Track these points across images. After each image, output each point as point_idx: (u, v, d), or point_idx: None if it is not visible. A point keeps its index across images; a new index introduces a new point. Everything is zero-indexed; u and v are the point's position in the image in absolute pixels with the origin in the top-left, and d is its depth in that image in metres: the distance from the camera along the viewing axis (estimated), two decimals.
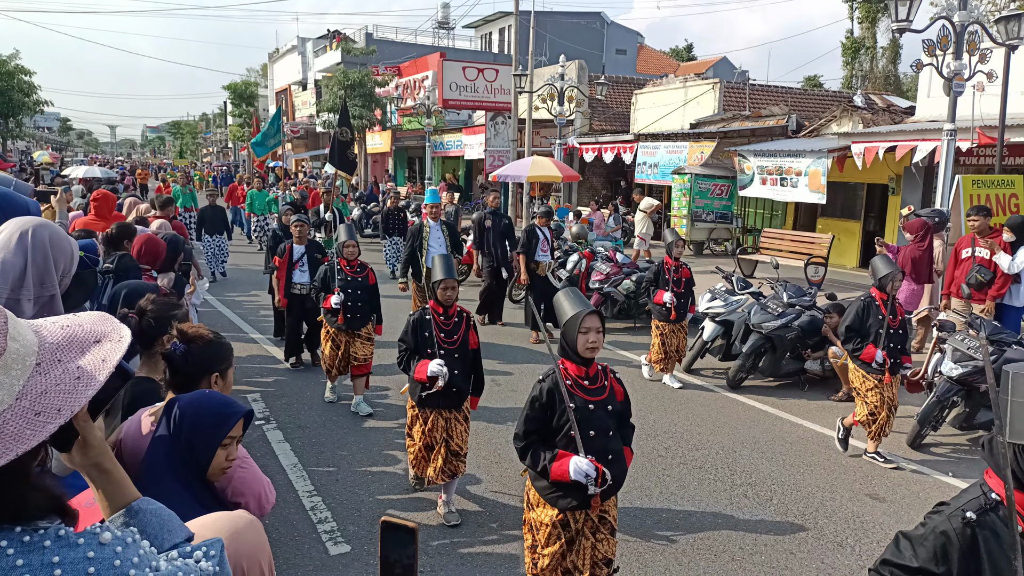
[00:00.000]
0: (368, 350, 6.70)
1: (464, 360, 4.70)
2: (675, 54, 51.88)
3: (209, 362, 2.42)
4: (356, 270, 6.69)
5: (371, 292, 6.73)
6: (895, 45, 34.40)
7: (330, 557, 4.31)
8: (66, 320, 1.15)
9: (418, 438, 4.76)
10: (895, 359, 5.75)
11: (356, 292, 6.60)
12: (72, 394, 1.05)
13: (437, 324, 4.67)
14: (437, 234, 9.05)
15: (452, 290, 4.72)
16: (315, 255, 7.87)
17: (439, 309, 4.73)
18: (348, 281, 6.60)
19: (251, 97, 47.92)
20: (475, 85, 26.05)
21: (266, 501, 2.26)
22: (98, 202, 6.69)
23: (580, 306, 3.20)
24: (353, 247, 6.68)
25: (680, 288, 7.56)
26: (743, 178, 16.25)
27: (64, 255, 2.85)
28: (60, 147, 74.99)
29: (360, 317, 6.65)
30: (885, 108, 17.58)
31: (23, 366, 1.03)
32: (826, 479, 5.57)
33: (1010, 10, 9.63)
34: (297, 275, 7.84)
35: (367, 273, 6.76)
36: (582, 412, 3.15)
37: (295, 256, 7.85)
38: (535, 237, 9.58)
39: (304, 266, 7.83)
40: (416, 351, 4.66)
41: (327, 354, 6.73)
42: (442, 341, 4.62)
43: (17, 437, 0.99)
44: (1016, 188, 9.74)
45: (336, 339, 6.68)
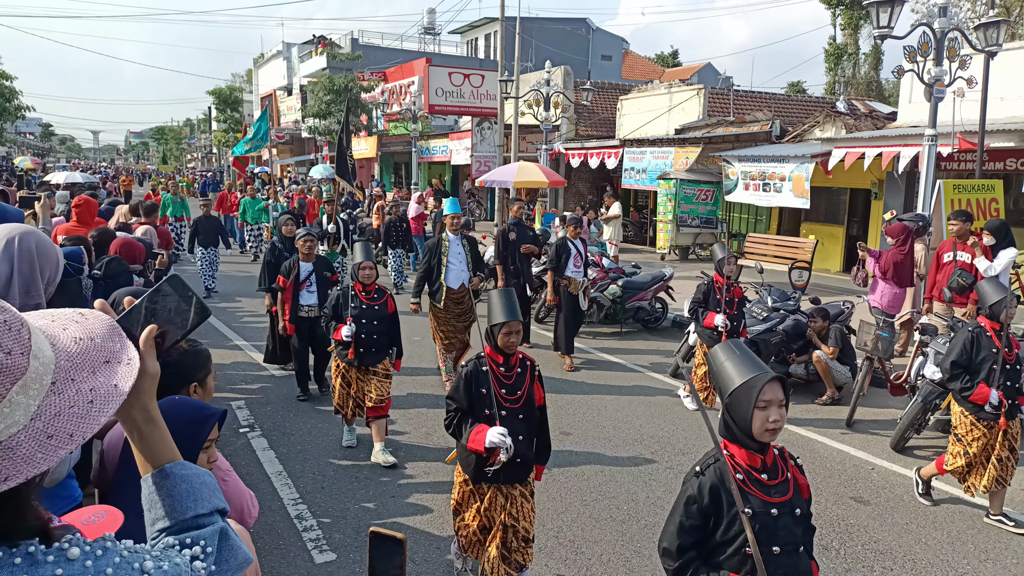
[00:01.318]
0: (385, 389, 5.80)
1: (529, 421, 3.76)
2: (660, 60, 52.23)
3: (185, 372, 2.39)
4: (372, 296, 5.86)
5: (389, 322, 5.90)
6: (877, 51, 34.81)
7: (316, 565, 4.28)
8: (78, 330, 1.11)
9: (472, 520, 3.81)
10: (1012, 399, 4.85)
11: (372, 322, 5.77)
12: (85, 419, 1.02)
13: (497, 377, 3.69)
14: (457, 249, 7.87)
15: (516, 335, 3.73)
16: (324, 273, 7.19)
17: (498, 358, 3.73)
18: (363, 309, 5.79)
19: (236, 102, 47.72)
20: (461, 91, 26.07)
21: (248, 515, 2.24)
22: (80, 208, 6.64)
23: (753, 369, 2.39)
24: (370, 270, 5.84)
25: (733, 310, 6.69)
26: (728, 183, 16.35)
27: (50, 263, 2.82)
28: (42, 153, 74.32)
29: (376, 351, 5.81)
30: (867, 114, 17.78)
31: (40, 385, 1.00)
32: (812, 483, 5.59)
33: (989, 17, 9.75)
34: (305, 296, 7.11)
35: (385, 300, 5.92)
36: (762, 520, 2.34)
37: (302, 275, 7.10)
38: (565, 251, 8.72)
39: (312, 286, 7.12)
40: (469, 412, 3.72)
41: (337, 392, 5.94)
42: (503, 399, 3.68)
43: (29, 459, 0.96)
44: (996, 193, 9.85)
45: (347, 375, 5.87)
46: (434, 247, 7.89)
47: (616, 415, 7.04)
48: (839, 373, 7.51)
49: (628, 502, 5.19)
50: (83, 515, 1.57)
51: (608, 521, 4.88)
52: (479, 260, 8.08)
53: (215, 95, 47.63)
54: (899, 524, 4.97)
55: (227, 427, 6.18)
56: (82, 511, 1.62)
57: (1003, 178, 11.92)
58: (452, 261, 7.77)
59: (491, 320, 3.75)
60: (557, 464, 5.80)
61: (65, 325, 1.12)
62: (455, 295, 7.68)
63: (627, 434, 6.52)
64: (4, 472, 0.95)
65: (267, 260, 7.98)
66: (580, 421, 6.84)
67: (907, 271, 8.47)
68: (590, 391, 7.77)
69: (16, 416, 0.97)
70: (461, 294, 7.68)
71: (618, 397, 7.57)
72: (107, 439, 2.23)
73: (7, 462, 0.95)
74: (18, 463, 0.96)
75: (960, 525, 4.98)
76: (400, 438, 6.29)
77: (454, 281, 7.70)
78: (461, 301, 7.70)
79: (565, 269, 8.71)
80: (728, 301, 6.68)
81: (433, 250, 7.89)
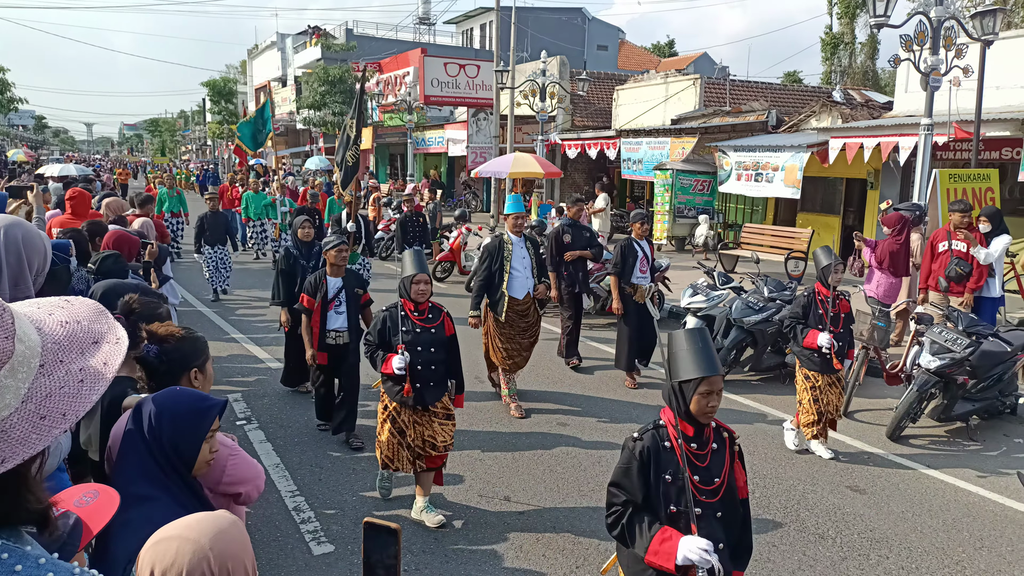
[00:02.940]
0: (448, 433, 4.75)
1: (730, 523, 2.76)
2: (656, 50, 52.08)
3: (185, 359, 2.41)
4: (427, 317, 4.73)
5: (448, 348, 4.79)
6: (873, 40, 34.74)
7: (313, 557, 4.29)
8: (64, 315, 1.12)
9: None
10: None
11: (429, 349, 4.64)
12: (77, 398, 1.04)
13: (688, 457, 2.61)
14: (521, 253, 6.81)
15: None
16: (355, 290, 5.91)
17: (688, 430, 2.65)
18: (417, 334, 4.64)
19: (230, 94, 47.56)
20: (457, 81, 25.97)
21: (261, 482, 2.31)
22: (74, 200, 6.61)
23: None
24: (426, 284, 4.69)
25: (839, 327, 5.66)
26: (722, 174, 16.35)
27: (37, 254, 2.80)
28: (35, 145, 73.93)
29: (435, 386, 4.69)
30: (864, 103, 17.75)
31: (29, 368, 1.02)
32: (807, 472, 5.62)
33: (985, 5, 9.73)
34: (332, 318, 5.79)
35: (442, 321, 4.77)
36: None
37: (330, 292, 5.79)
38: (632, 254, 7.55)
39: (341, 305, 5.80)
40: (644, 506, 2.69)
41: (384, 440, 4.73)
42: (697, 489, 2.60)
43: (23, 441, 0.98)
44: (992, 182, 9.86)
45: (398, 419, 4.68)
46: (495, 251, 6.82)
47: (612, 407, 7.05)
48: None
49: None
50: (75, 495, 1.57)
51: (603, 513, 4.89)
52: (543, 265, 7.07)
53: (209, 87, 47.48)
54: (895, 512, 4.99)
55: (224, 419, 6.16)
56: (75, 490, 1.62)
57: (999, 167, 11.93)
58: (516, 267, 6.76)
59: (678, 375, 2.66)
60: (554, 455, 5.82)
61: (51, 311, 1.13)
62: (519, 306, 6.77)
63: (620, 426, 6.53)
64: (0, 455, 0.96)
65: (281, 269, 6.86)
66: (577, 411, 6.85)
67: (903, 260, 8.48)
68: (586, 382, 7.78)
69: (7, 399, 0.98)
70: (526, 305, 6.80)
71: (614, 388, 7.58)
72: (114, 429, 2.23)
73: (2, 444, 0.97)
74: (13, 445, 0.97)
75: (955, 513, 5.01)
76: None
77: (519, 290, 6.77)
78: (526, 313, 6.82)
79: (631, 274, 7.58)
80: (833, 317, 5.64)
81: (494, 254, 6.80)
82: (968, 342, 6.14)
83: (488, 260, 6.83)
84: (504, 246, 6.82)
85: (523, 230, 6.93)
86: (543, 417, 6.70)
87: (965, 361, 6.09)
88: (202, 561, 1.39)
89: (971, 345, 6.12)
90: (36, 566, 1.02)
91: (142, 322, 2.56)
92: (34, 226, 2.93)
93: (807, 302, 5.85)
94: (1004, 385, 6.54)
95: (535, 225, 12.19)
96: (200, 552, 1.39)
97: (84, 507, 1.52)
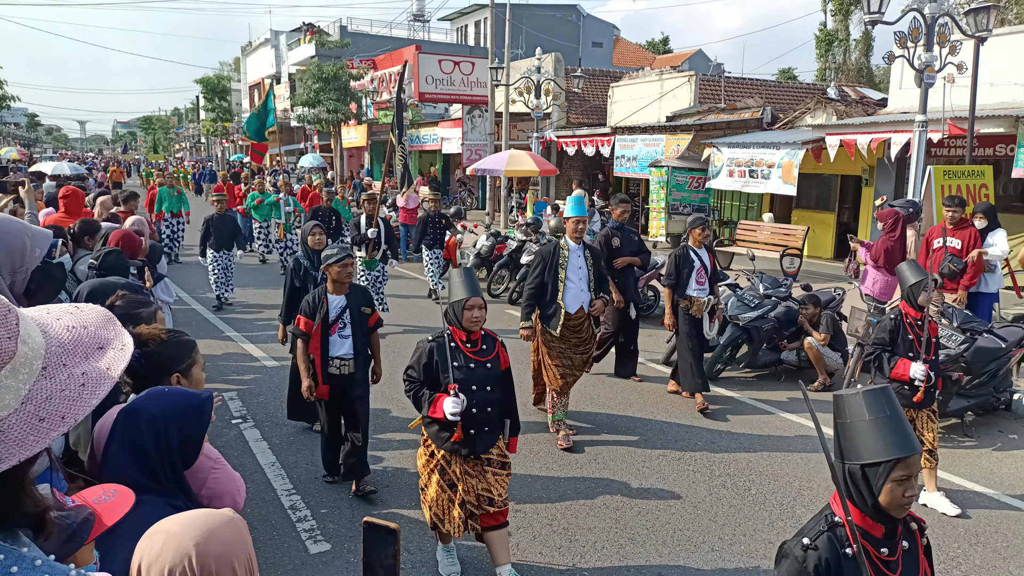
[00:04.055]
0: (503, 485, 4.05)
1: None
2: (651, 47, 52.09)
3: (167, 363, 2.36)
4: (481, 349, 4.00)
5: (504, 384, 4.07)
6: (867, 37, 34.81)
7: (310, 556, 4.28)
8: (71, 319, 1.13)
9: None
10: None
11: (484, 388, 3.92)
12: (77, 401, 1.04)
13: None
14: (579, 262, 6.03)
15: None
16: (362, 310, 4.97)
17: (879, 528, 2.07)
18: (471, 370, 3.91)
19: (224, 91, 47.39)
20: (451, 78, 25.92)
21: (240, 497, 2.25)
22: (67, 199, 6.58)
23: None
24: (480, 311, 3.95)
25: (931, 355, 4.89)
26: (712, 170, 16.38)
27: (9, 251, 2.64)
28: (28, 143, 73.64)
29: (489, 431, 3.98)
30: (858, 100, 17.81)
31: (30, 370, 1.02)
32: (803, 469, 5.63)
33: (979, 2, 9.76)
34: (336, 343, 4.89)
35: (497, 353, 4.06)
36: None
37: (331, 313, 4.88)
38: (687, 263, 6.78)
39: (346, 327, 4.90)
40: None
41: (432, 496, 3.98)
42: None
43: (20, 442, 0.98)
44: (986, 178, 9.90)
45: (448, 471, 3.95)
46: (548, 257, 6.01)
47: (609, 402, 7.05)
48: (830, 359, 7.55)
49: (621, 489, 5.20)
50: (94, 494, 1.58)
51: (602, 508, 4.90)
52: (602, 277, 6.25)
53: (203, 84, 47.32)
54: None
55: (219, 418, 6.15)
56: (94, 489, 1.63)
57: (993, 163, 11.98)
58: (571, 278, 5.99)
59: None
60: (550, 451, 5.81)
61: (59, 316, 1.13)
62: (572, 321, 6.02)
63: (620, 422, 6.54)
64: None
65: (290, 284, 6.16)
66: (572, 407, 6.85)
67: (898, 258, 8.47)
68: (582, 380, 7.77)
69: (6, 400, 0.98)
70: (579, 320, 6.07)
71: (610, 384, 7.59)
72: (98, 427, 2.21)
73: None
74: (10, 446, 0.97)
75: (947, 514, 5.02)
76: None
77: (573, 303, 6.01)
78: (579, 328, 6.10)
79: (686, 286, 6.81)
80: (926, 343, 4.84)
81: (547, 261, 6.00)
82: (963, 338, 6.16)
83: (541, 266, 6.02)
84: (560, 252, 6.00)
85: (584, 236, 6.08)
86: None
87: (960, 357, 6.11)
88: (183, 558, 1.39)
89: (966, 341, 6.15)
90: (32, 568, 1.01)
91: (126, 323, 2.53)
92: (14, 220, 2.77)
93: (894, 326, 4.95)
94: (999, 381, 6.57)
95: (530, 222, 12.17)
96: (182, 549, 1.39)
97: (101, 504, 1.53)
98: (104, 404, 2.50)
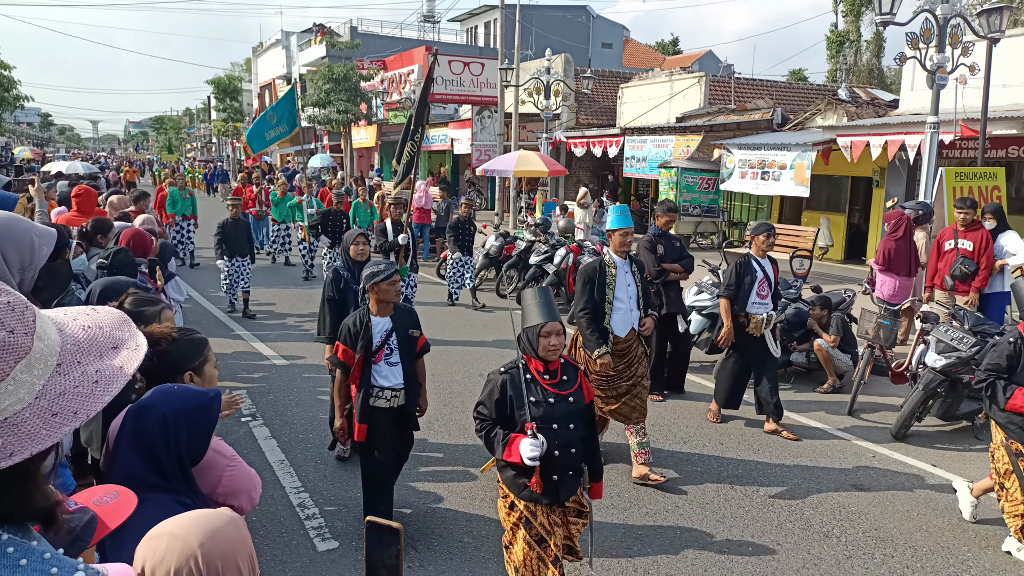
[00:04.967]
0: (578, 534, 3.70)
1: None
2: (661, 48, 52.01)
3: (178, 361, 2.38)
4: (561, 380, 3.43)
5: (587, 420, 3.51)
6: (879, 38, 34.67)
7: (318, 553, 4.30)
8: (88, 320, 1.15)
9: None
10: None
11: (567, 426, 3.36)
12: (90, 398, 1.06)
13: None
14: (626, 279, 5.36)
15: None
16: (410, 333, 4.42)
17: None
18: (550, 405, 3.34)
19: (235, 92, 47.57)
20: (461, 79, 25.95)
21: (256, 494, 2.27)
22: (80, 198, 6.63)
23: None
24: (559, 337, 3.37)
25: None
26: (724, 172, 16.34)
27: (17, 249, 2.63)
28: (41, 143, 74.21)
29: (572, 475, 3.43)
30: (869, 101, 17.71)
31: (45, 366, 1.04)
32: (812, 471, 5.61)
33: (992, 3, 9.70)
34: (383, 372, 4.30)
35: (580, 384, 3.47)
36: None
37: (375, 337, 4.28)
38: (748, 272, 6.16)
39: (393, 354, 4.32)
40: None
41: (519, 558, 3.40)
42: None
43: (33, 436, 1.00)
44: (998, 180, 9.83)
45: (535, 524, 3.39)
46: (593, 275, 5.32)
47: None
48: (840, 361, 7.52)
49: (629, 490, 5.20)
50: (95, 495, 1.59)
51: (609, 509, 4.89)
52: (649, 293, 5.61)
53: (214, 84, 47.50)
54: (900, 511, 4.98)
55: (229, 416, 6.17)
56: (94, 490, 1.64)
57: (1005, 165, 11.89)
58: (620, 297, 5.32)
59: None
60: None
61: (75, 316, 1.16)
62: (621, 345, 5.35)
63: None
64: (9, 448, 0.98)
65: (329, 296, 5.52)
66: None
67: (904, 258, 8.37)
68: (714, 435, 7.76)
69: (21, 394, 1.00)
70: (628, 343, 5.38)
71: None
72: (112, 427, 2.23)
73: (12, 438, 0.98)
74: (23, 439, 0.99)
75: (961, 513, 4.99)
76: None
77: (623, 326, 5.34)
78: (626, 352, 5.37)
79: (747, 300, 6.18)
80: None
81: (593, 280, 5.32)
82: (974, 341, 6.12)
83: (588, 288, 5.31)
84: (606, 271, 5.33)
85: (630, 250, 5.43)
86: None
87: (971, 360, 6.07)
88: (189, 559, 1.39)
89: (977, 344, 6.10)
90: (41, 560, 1.03)
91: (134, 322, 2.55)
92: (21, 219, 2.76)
93: (1013, 350, 4.26)
94: None
95: (539, 223, 12.16)
96: (188, 550, 1.40)
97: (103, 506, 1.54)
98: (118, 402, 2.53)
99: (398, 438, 4.43)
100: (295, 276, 13.64)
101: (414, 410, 4.48)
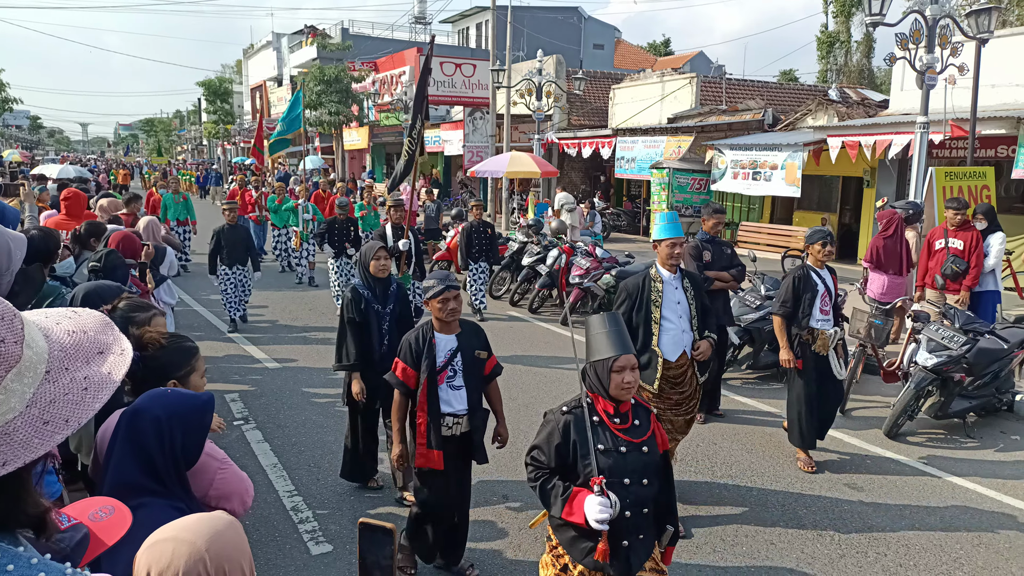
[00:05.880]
0: None
1: None
2: (652, 48, 52.16)
3: (164, 368, 2.36)
4: (633, 425, 2.84)
5: (664, 475, 2.94)
6: (869, 39, 34.85)
7: (312, 557, 4.28)
8: (71, 324, 1.15)
9: None
10: None
11: (640, 481, 2.77)
12: (80, 405, 1.06)
13: None
14: (675, 295, 4.77)
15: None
16: (476, 354, 3.95)
17: None
18: (621, 455, 2.76)
19: (226, 94, 47.38)
20: (453, 80, 25.95)
21: (248, 497, 2.25)
22: (69, 201, 6.59)
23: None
24: (634, 371, 2.79)
25: None
26: (716, 172, 16.39)
27: None
28: (30, 146, 73.83)
29: (644, 539, 2.83)
30: (859, 101, 17.79)
31: (35, 374, 1.03)
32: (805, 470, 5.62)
33: (980, 4, 9.76)
34: (448, 396, 3.87)
35: (653, 431, 2.89)
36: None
37: (439, 357, 3.85)
38: (808, 287, 5.49)
39: (457, 376, 3.89)
40: None
41: None
42: None
43: (25, 445, 1.00)
44: (987, 180, 9.90)
45: None
46: (635, 293, 4.76)
47: None
48: None
49: None
50: (90, 508, 1.57)
51: None
52: (706, 310, 4.89)
53: (205, 86, 47.28)
54: (892, 510, 5.00)
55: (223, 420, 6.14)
56: (89, 503, 1.62)
57: (994, 165, 11.97)
58: (669, 316, 4.72)
59: None
60: None
61: (59, 320, 1.15)
62: (673, 371, 4.77)
63: None
64: (2, 457, 0.98)
65: (349, 318, 4.86)
66: None
67: (895, 257, 8.41)
68: None
69: (12, 403, 1.00)
70: (681, 368, 4.79)
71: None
72: (101, 431, 2.22)
73: (4, 447, 0.98)
74: (16, 448, 0.99)
75: (953, 510, 5.01)
76: None
77: (673, 349, 4.74)
78: (680, 380, 4.80)
79: (809, 316, 5.49)
80: None
81: (634, 298, 4.76)
82: (965, 339, 6.16)
83: (627, 306, 4.74)
84: (652, 286, 4.74)
85: (679, 263, 4.80)
86: None
87: (962, 358, 6.11)
88: (198, 563, 1.38)
89: (968, 343, 6.14)
90: (28, 566, 1.02)
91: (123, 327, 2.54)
92: None
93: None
94: (1001, 382, 6.56)
95: (531, 224, 12.17)
96: (196, 554, 1.39)
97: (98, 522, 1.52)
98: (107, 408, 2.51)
99: (460, 470, 4.01)
100: (287, 279, 13.59)
101: (480, 440, 4.02)
